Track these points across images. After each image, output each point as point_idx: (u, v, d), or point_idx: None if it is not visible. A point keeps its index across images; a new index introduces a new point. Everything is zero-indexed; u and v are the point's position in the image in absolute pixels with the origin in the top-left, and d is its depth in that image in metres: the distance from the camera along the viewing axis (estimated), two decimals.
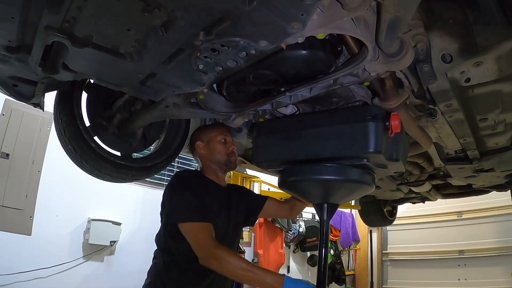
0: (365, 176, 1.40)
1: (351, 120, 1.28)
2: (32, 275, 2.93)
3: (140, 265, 3.52)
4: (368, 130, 1.23)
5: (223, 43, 0.96)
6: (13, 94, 1.36)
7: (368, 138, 1.23)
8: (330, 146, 1.31)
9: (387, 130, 1.23)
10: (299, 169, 1.44)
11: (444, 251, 5.56)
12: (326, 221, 1.48)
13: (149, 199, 3.99)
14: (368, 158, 1.29)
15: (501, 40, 0.99)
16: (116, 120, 1.65)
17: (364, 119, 1.25)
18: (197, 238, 1.41)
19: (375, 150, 1.23)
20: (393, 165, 1.37)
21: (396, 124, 1.20)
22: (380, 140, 1.23)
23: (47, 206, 3.08)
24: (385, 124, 1.23)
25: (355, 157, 1.30)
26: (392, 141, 1.29)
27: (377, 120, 1.23)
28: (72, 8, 0.84)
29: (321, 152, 1.33)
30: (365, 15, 0.94)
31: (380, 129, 1.23)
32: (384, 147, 1.25)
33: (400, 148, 1.33)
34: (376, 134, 1.23)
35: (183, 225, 1.45)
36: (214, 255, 1.36)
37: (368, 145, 1.23)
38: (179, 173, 1.65)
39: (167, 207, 1.52)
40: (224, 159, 1.64)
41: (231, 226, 1.65)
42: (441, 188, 2.98)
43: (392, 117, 1.21)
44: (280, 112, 1.60)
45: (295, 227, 5.31)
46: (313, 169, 1.39)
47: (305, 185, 1.49)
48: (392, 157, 1.31)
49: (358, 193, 1.55)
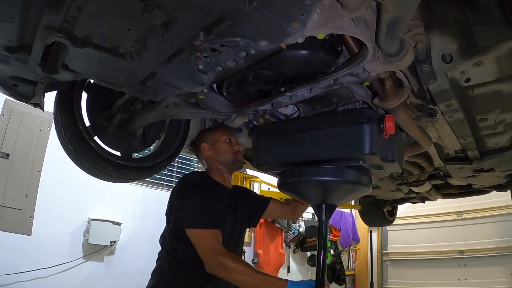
0: (362, 177, 1.43)
1: (347, 123, 1.32)
2: (32, 275, 2.93)
3: (140, 265, 3.54)
4: (363, 132, 1.27)
5: (223, 43, 0.96)
6: (13, 94, 1.36)
7: (364, 140, 1.27)
8: (327, 148, 1.35)
9: (382, 132, 1.25)
10: (297, 171, 1.47)
11: (444, 251, 5.56)
12: (325, 222, 1.50)
13: (149, 199, 3.99)
14: (364, 159, 1.32)
15: (501, 40, 0.99)
16: (116, 120, 1.65)
17: (360, 121, 1.29)
18: (204, 245, 1.43)
19: (370, 151, 1.26)
20: (389, 166, 1.40)
21: (390, 126, 1.23)
22: (375, 142, 1.27)
23: (47, 206, 3.08)
24: (380, 126, 1.26)
25: (351, 159, 1.33)
26: (387, 143, 1.32)
27: (372, 122, 1.27)
28: (72, 8, 0.84)
29: (319, 154, 1.37)
30: (365, 15, 0.94)
31: (375, 131, 1.26)
32: (379, 148, 1.28)
33: (395, 149, 1.36)
34: (371, 136, 1.26)
35: (190, 231, 1.45)
36: (221, 263, 1.39)
37: (364, 147, 1.27)
38: (187, 176, 1.65)
39: (174, 211, 1.51)
40: (230, 158, 1.66)
41: (236, 228, 1.66)
42: (441, 188, 2.98)
43: (386, 119, 1.24)
44: (280, 112, 1.60)
45: (295, 227, 5.31)
46: (311, 171, 1.42)
47: (303, 187, 1.51)
48: (388, 158, 1.34)
49: (355, 194, 1.59)
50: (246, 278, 1.37)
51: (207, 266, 1.41)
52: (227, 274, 1.38)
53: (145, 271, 1.59)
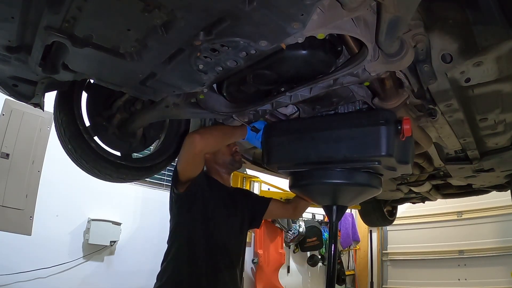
0: (372, 179, 1.44)
1: (364, 124, 1.31)
2: (32, 275, 2.93)
3: (140, 265, 3.54)
4: (380, 134, 1.27)
5: (223, 43, 0.96)
6: (13, 94, 1.36)
7: (381, 142, 1.27)
8: (343, 149, 1.33)
9: (399, 134, 1.26)
10: (309, 173, 1.48)
11: (444, 251, 5.56)
12: (335, 223, 1.52)
13: (149, 199, 3.99)
14: (380, 161, 1.31)
15: (501, 40, 0.99)
16: (116, 120, 1.65)
17: (377, 123, 1.28)
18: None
19: (387, 153, 1.26)
20: (402, 167, 1.41)
21: (408, 128, 1.23)
22: (392, 144, 1.26)
23: (47, 206, 3.08)
24: (397, 128, 1.26)
25: (368, 160, 1.33)
26: (402, 145, 1.31)
27: (389, 124, 1.26)
28: (72, 8, 0.84)
29: (334, 154, 1.35)
30: (365, 15, 0.94)
31: (392, 133, 1.26)
32: (396, 150, 1.28)
33: (409, 151, 1.37)
34: (388, 137, 1.26)
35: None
36: (195, 132, 1.52)
37: (381, 148, 1.26)
38: None
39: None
40: (228, 159, 1.67)
41: (236, 228, 1.66)
42: (441, 188, 2.97)
43: (404, 121, 1.24)
44: (280, 112, 1.60)
45: (295, 227, 5.31)
46: (323, 173, 1.44)
47: (314, 189, 1.53)
48: (402, 160, 1.34)
49: (365, 196, 1.59)
50: (213, 131, 1.55)
51: (187, 142, 1.49)
52: (201, 136, 1.47)
53: (145, 271, 1.60)
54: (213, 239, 1.58)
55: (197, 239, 1.56)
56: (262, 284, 4.79)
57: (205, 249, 1.55)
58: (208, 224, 1.58)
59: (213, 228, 1.59)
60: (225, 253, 1.61)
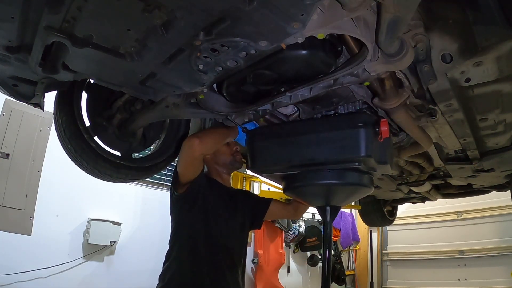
0: (363, 178, 1.47)
1: (344, 126, 1.35)
2: (32, 275, 2.93)
3: (140, 265, 3.54)
4: (359, 136, 1.31)
5: (223, 43, 0.96)
6: (13, 94, 1.36)
7: (360, 144, 1.31)
8: (324, 151, 1.38)
9: (377, 136, 1.29)
10: (301, 175, 1.50)
11: (444, 251, 5.56)
12: (329, 223, 1.53)
13: (149, 199, 3.99)
14: (360, 162, 1.35)
15: (501, 40, 0.99)
16: (116, 120, 1.65)
17: (356, 125, 1.32)
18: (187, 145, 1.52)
19: (366, 154, 1.30)
20: (382, 167, 1.44)
21: (386, 130, 1.27)
22: (371, 145, 1.30)
23: (47, 206, 3.08)
24: (375, 130, 1.29)
25: (348, 161, 1.36)
26: (381, 146, 1.35)
27: (368, 126, 1.30)
28: (72, 8, 0.84)
29: (315, 157, 1.39)
30: (365, 15, 0.94)
31: (370, 135, 1.30)
32: (374, 151, 1.32)
33: (388, 151, 1.41)
34: (367, 139, 1.30)
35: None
36: (193, 136, 1.53)
37: (360, 149, 1.31)
38: None
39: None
40: (229, 159, 1.67)
41: (237, 228, 1.66)
42: (441, 188, 2.97)
43: (381, 123, 1.28)
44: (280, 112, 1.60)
45: (295, 227, 5.31)
46: (314, 175, 1.46)
47: (307, 190, 1.55)
48: (381, 160, 1.37)
49: (358, 195, 1.62)
50: (211, 133, 1.58)
51: (186, 146, 1.50)
52: (200, 139, 1.48)
53: (145, 271, 1.60)
54: (214, 239, 1.58)
55: (198, 239, 1.56)
56: (262, 284, 4.79)
57: (207, 249, 1.56)
58: (209, 224, 1.58)
59: (213, 228, 1.59)
60: (227, 253, 1.61)
